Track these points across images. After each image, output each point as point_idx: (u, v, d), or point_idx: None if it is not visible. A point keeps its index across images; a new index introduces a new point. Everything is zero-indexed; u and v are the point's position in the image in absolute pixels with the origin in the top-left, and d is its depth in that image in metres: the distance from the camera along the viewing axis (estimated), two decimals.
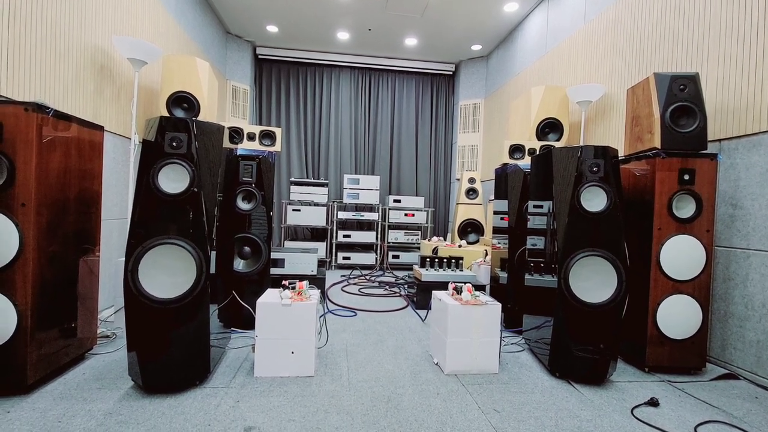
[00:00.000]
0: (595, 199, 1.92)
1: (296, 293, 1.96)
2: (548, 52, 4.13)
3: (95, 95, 2.65)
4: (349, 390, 1.75)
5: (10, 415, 1.46)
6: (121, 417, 1.47)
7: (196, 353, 1.71)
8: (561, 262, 1.90)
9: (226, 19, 5.00)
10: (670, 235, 2.04)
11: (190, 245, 1.65)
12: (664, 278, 2.04)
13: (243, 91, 5.47)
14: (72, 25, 2.40)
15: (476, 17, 4.66)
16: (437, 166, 6.28)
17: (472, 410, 1.61)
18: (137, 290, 1.60)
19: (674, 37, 2.59)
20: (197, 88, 3.13)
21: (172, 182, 1.67)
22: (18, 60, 2.02)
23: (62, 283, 1.76)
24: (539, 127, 3.60)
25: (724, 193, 2.21)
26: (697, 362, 2.06)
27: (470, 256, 4.05)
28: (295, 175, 5.88)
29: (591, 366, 1.90)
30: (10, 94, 1.98)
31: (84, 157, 1.90)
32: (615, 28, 3.14)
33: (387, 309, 3.18)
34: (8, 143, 1.54)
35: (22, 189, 1.55)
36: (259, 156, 2.59)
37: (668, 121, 2.09)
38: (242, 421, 1.47)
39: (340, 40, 5.42)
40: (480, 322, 1.97)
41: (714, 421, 1.60)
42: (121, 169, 2.93)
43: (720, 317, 2.19)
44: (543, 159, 2.15)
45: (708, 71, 2.34)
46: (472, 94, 5.93)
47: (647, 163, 2.12)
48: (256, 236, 2.56)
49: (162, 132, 1.67)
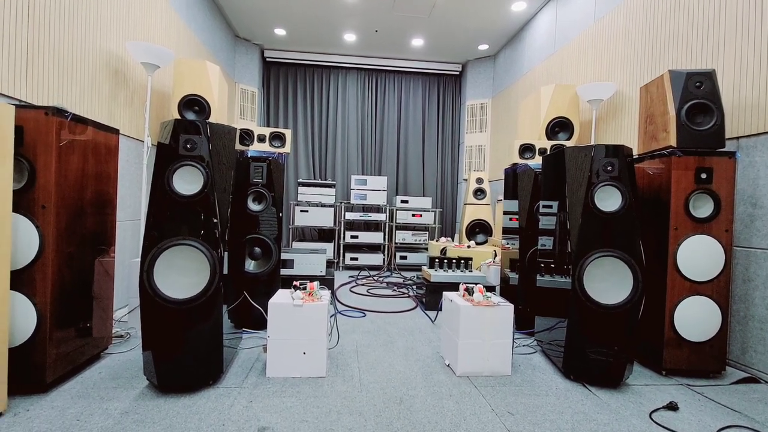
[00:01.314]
0: (609, 199, 1.89)
1: (307, 294, 1.96)
2: (557, 51, 4.10)
3: (110, 99, 2.68)
4: (361, 391, 1.74)
5: (30, 413, 1.48)
6: (138, 416, 1.49)
7: (209, 353, 1.72)
8: (575, 263, 1.87)
9: (234, 23, 5.04)
10: (687, 235, 2.01)
11: (203, 246, 1.66)
12: (682, 279, 2.01)
13: (251, 93, 5.52)
14: (88, 31, 2.44)
15: (483, 17, 4.64)
16: (444, 166, 6.26)
17: (485, 412, 1.60)
18: (152, 290, 1.62)
19: (689, 33, 2.55)
20: (208, 91, 3.16)
21: (187, 184, 1.69)
22: (37, 65, 2.06)
23: (79, 283, 1.79)
24: (549, 126, 3.57)
25: (743, 191, 2.17)
26: (716, 366, 2.01)
27: (479, 257, 4.02)
28: (302, 177, 5.91)
29: (606, 368, 1.87)
30: (29, 98, 2.02)
31: (100, 160, 1.93)
32: (627, 26, 3.11)
33: (396, 310, 3.17)
34: (29, 147, 1.57)
35: (42, 191, 1.58)
36: (269, 157, 2.61)
37: (684, 118, 2.06)
38: (256, 421, 1.48)
39: (346, 41, 5.44)
40: (492, 324, 1.96)
41: (736, 426, 1.56)
42: (134, 172, 2.97)
43: (739, 319, 2.15)
44: (555, 158, 2.13)
45: (725, 67, 2.30)
46: (479, 93, 5.90)
47: (662, 162, 2.09)
48: (266, 237, 2.57)
49: (176, 134, 1.69)
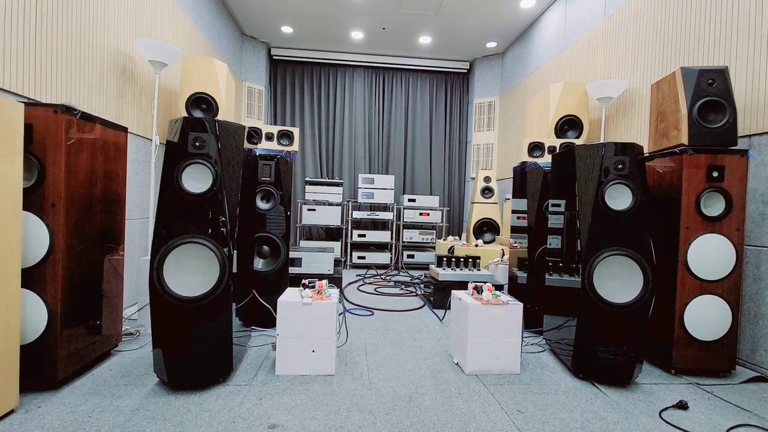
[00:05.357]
0: (619, 197, 1.88)
1: (316, 292, 1.97)
2: (566, 48, 4.06)
3: (118, 97, 2.70)
4: (370, 389, 1.75)
5: (42, 410, 1.50)
6: (148, 413, 1.50)
7: (219, 351, 1.73)
8: (585, 262, 1.86)
9: (241, 21, 5.05)
10: (698, 233, 1.98)
11: (213, 244, 1.67)
12: (692, 278, 1.98)
13: (258, 91, 5.52)
14: (96, 29, 2.45)
15: (492, 14, 4.61)
16: (452, 165, 6.24)
17: (495, 411, 1.59)
18: (162, 288, 1.62)
19: (701, 29, 2.51)
20: (215, 90, 3.17)
21: (196, 182, 1.69)
22: (45, 63, 2.07)
23: (89, 281, 1.80)
24: (558, 124, 3.54)
25: (755, 190, 2.14)
26: (725, 365, 1.99)
27: (487, 256, 4.01)
28: (309, 175, 5.91)
29: (616, 367, 1.86)
30: (38, 96, 2.03)
31: (109, 158, 1.94)
32: (637, 22, 3.07)
33: (404, 308, 3.17)
34: (38, 145, 1.58)
35: (52, 189, 1.59)
36: (277, 156, 2.61)
37: (696, 116, 2.03)
38: (266, 418, 1.48)
39: (354, 39, 5.43)
40: (501, 322, 1.95)
41: (746, 425, 1.55)
42: (142, 170, 2.98)
43: (750, 318, 2.12)
44: (565, 157, 2.11)
45: (737, 64, 2.27)
46: (487, 91, 5.87)
47: (673, 160, 2.07)
48: (274, 235, 2.58)
49: (185, 132, 1.69)
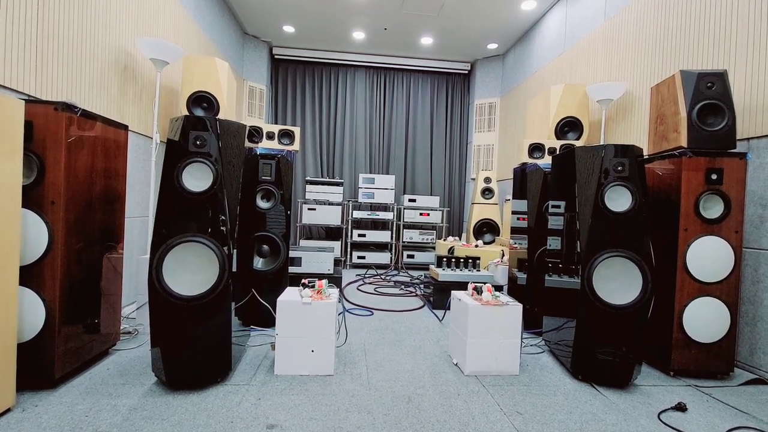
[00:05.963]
0: (619, 199, 1.88)
1: (316, 292, 1.97)
2: (566, 50, 4.06)
3: (119, 95, 2.69)
4: (369, 389, 1.74)
5: (38, 408, 1.49)
6: (146, 412, 1.50)
7: (218, 350, 1.73)
8: (584, 263, 1.86)
9: (243, 20, 5.04)
10: (697, 236, 1.99)
11: (213, 243, 1.67)
12: (691, 280, 1.99)
13: (259, 90, 5.52)
14: (97, 27, 2.45)
15: (493, 15, 4.62)
16: (452, 165, 6.24)
17: (494, 412, 1.59)
18: (161, 287, 1.62)
19: (700, 33, 2.51)
20: (217, 88, 3.17)
21: (196, 181, 1.69)
22: (46, 61, 2.07)
23: (87, 279, 1.80)
24: (558, 125, 3.54)
25: (753, 193, 2.14)
26: (724, 367, 2.00)
27: (487, 256, 4.01)
28: (310, 175, 5.91)
29: (615, 369, 1.86)
30: (38, 94, 2.03)
31: (109, 156, 1.93)
32: (637, 25, 3.08)
33: (403, 309, 3.17)
34: (38, 142, 1.58)
35: (52, 187, 1.59)
36: (278, 155, 2.61)
37: (695, 119, 2.04)
38: (264, 418, 1.48)
39: (355, 39, 5.43)
40: (501, 323, 1.95)
41: (744, 427, 1.55)
42: (142, 168, 2.98)
43: (748, 321, 2.13)
44: (565, 158, 2.11)
45: (736, 68, 2.27)
46: (488, 93, 5.88)
47: (673, 163, 2.07)
48: (274, 235, 2.57)
49: (186, 131, 1.69)
